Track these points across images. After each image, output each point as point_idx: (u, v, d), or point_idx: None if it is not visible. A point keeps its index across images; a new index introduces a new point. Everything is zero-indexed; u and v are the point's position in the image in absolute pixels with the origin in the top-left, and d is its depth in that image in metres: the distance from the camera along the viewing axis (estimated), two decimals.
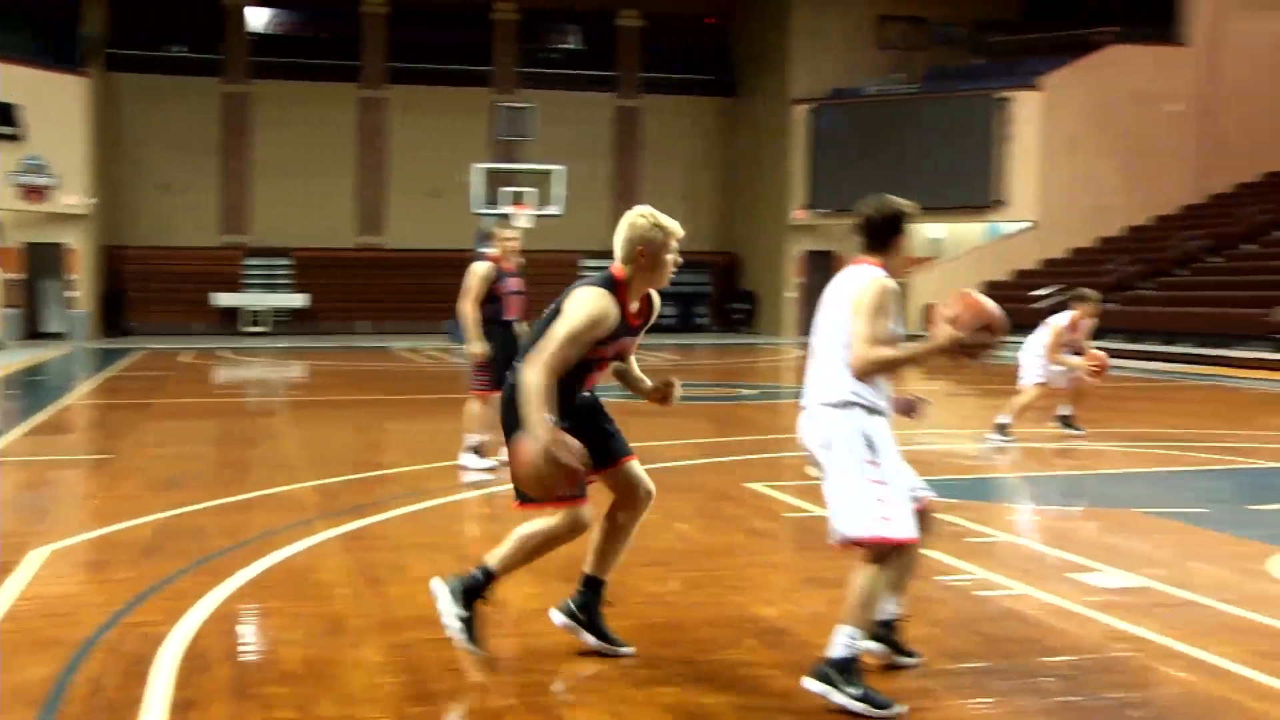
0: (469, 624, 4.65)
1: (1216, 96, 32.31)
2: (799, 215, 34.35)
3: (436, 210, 34.13)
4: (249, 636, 5.20)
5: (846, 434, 4.35)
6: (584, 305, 4.50)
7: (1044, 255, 31.89)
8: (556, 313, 4.56)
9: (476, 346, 9.26)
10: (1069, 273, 30.22)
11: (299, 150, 34.46)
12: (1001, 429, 11.30)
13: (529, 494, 4.54)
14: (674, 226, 4.66)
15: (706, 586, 6.05)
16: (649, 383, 4.92)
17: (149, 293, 33.09)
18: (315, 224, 34.59)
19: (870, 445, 4.33)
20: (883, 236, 4.56)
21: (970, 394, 18.17)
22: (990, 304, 4.30)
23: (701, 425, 13.80)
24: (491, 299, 9.34)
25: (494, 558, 4.71)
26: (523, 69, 36.26)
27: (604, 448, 4.75)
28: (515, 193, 28.91)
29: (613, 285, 4.60)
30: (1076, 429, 11.85)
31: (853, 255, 4.59)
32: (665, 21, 37.34)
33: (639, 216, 4.66)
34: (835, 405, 4.39)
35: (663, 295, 4.88)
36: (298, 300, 33.81)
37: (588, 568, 4.87)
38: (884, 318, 4.30)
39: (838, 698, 4.22)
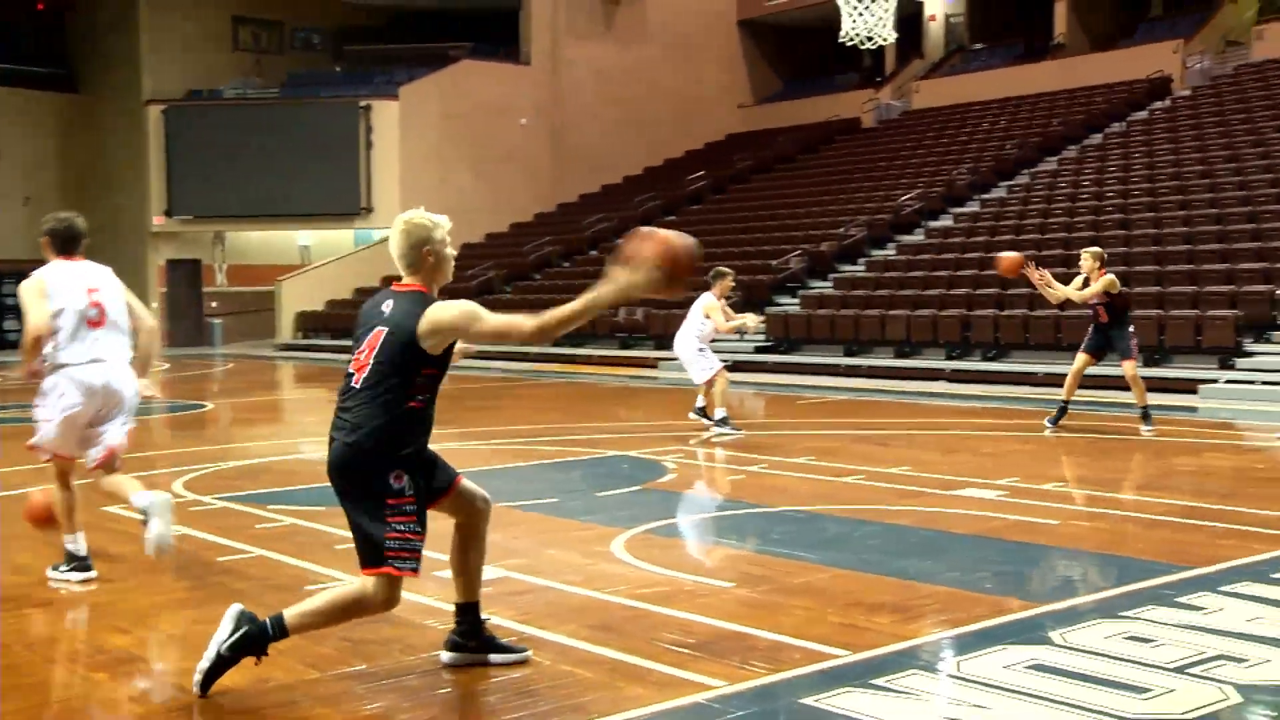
0: (218, 671, 4.45)
1: (560, 113, 34.88)
2: (159, 222, 32.68)
3: None
4: None
5: None
6: (463, 304, 4.47)
7: None
8: (406, 345, 4.40)
9: None
10: None
11: None
12: (724, 421, 12.13)
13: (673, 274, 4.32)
14: (443, 219, 4.69)
15: (53, 621, 5.57)
16: None
17: None
18: None
19: None
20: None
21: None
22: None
23: None
24: None
25: (293, 613, 4.52)
26: None
27: (438, 475, 4.71)
28: None
29: (430, 299, 4.53)
30: (711, 418, 12.46)
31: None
32: None
33: (412, 220, 4.62)
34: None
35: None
36: None
37: (459, 597, 4.83)
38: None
39: None
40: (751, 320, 12.83)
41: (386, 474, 4.44)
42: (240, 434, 14.25)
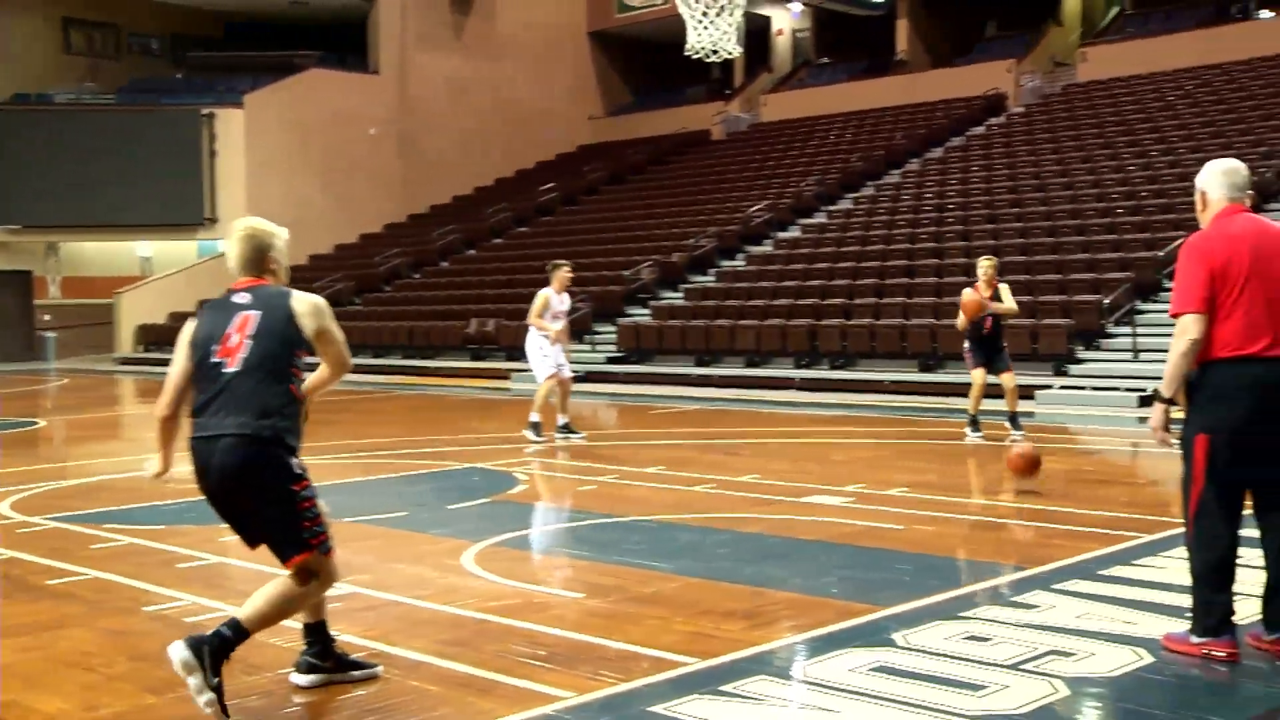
0: (220, 693, 4.22)
1: (410, 124, 34.53)
2: None
3: None
4: None
5: None
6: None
7: None
8: (285, 321, 4.45)
9: None
10: None
11: None
12: (535, 427, 12.41)
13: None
14: (284, 230, 4.78)
15: None
16: None
17: None
18: None
19: None
20: None
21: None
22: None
23: None
24: None
25: (246, 613, 4.40)
26: None
27: None
28: None
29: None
30: (576, 432, 12.59)
31: None
32: None
33: (256, 227, 4.65)
34: None
35: None
36: None
37: (308, 618, 4.70)
38: None
39: None
40: (559, 342, 12.76)
41: (289, 460, 4.45)
42: (75, 451, 13.75)
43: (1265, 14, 29.07)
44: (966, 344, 12.30)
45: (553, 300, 12.60)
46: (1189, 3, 30.77)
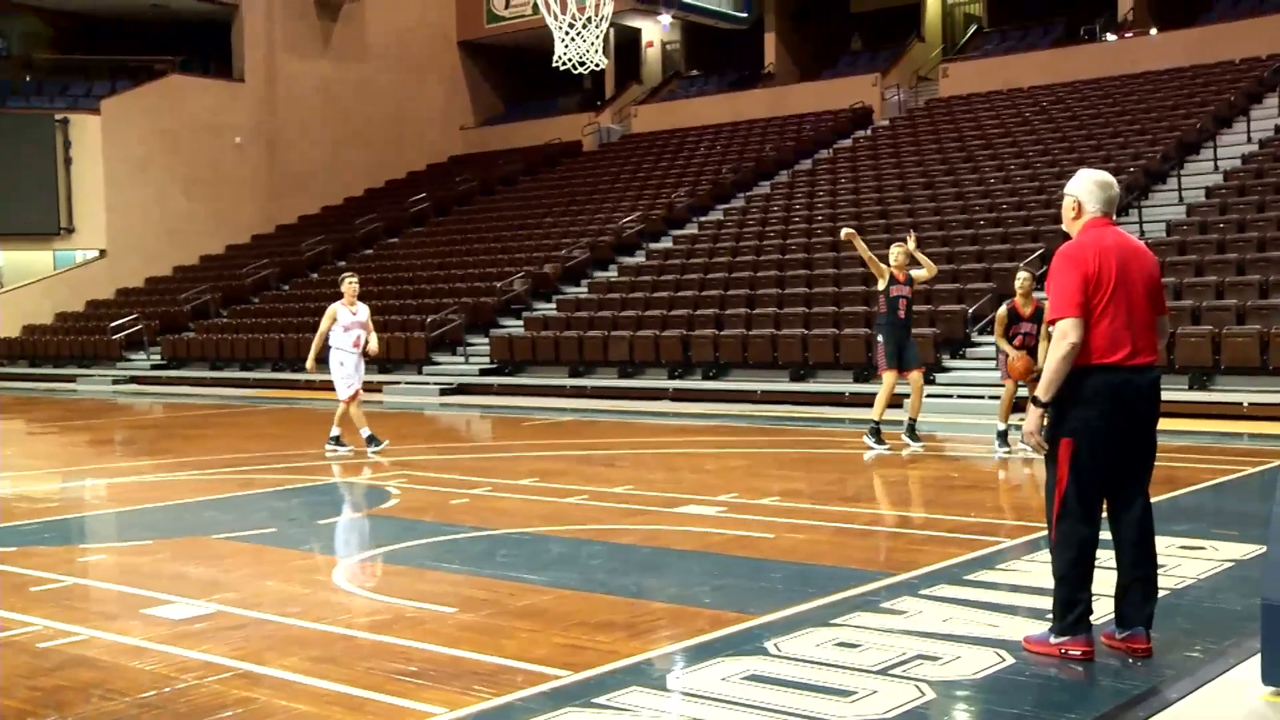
0: None
1: (276, 132, 33.90)
2: None
3: None
4: None
5: None
6: None
7: (119, 284, 31.16)
8: None
9: None
10: (145, 301, 29.86)
11: None
12: (371, 440, 12.50)
13: None
14: None
15: None
16: None
17: None
18: None
19: None
20: None
21: (51, 432, 17.22)
22: None
23: None
24: None
25: None
26: None
27: None
28: None
29: None
30: (345, 446, 12.65)
31: None
32: None
33: None
34: None
35: None
36: None
37: None
38: None
39: None
40: (373, 344, 12.83)
41: None
42: None
43: (1110, 37, 30.18)
44: (880, 337, 12.43)
45: (341, 313, 12.60)
46: (1042, 23, 31.78)
